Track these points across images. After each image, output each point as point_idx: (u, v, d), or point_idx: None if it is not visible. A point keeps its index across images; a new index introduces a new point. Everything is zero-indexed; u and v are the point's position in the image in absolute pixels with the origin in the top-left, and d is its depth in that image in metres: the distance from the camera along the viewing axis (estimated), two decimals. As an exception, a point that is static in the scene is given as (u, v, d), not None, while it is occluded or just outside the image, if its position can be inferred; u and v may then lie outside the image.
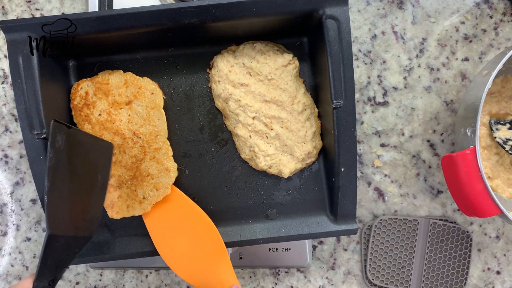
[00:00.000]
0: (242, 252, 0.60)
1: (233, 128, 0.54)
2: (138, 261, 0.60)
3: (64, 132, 0.42)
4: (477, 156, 0.47)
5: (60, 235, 0.42)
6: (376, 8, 0.61)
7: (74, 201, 0.44)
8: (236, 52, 0.53)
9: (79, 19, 0.47)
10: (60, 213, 0.42)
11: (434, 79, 0.61)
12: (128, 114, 0.53)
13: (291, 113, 0.52)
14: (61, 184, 0.42)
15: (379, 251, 0.61)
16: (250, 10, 0.48)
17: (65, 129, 0.42)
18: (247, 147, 0.53)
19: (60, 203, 0.42)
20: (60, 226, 0.42)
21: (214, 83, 0.53)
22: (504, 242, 0.62)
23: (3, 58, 0.62)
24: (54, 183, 0.41)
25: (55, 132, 0.41)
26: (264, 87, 0.52)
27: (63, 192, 0.42)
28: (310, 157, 0.54)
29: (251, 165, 0.55)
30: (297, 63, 0.53)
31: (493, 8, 0.61)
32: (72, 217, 0.44)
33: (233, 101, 0.52)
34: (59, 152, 0.41)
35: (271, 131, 0.52)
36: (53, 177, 0.41)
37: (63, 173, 0.42)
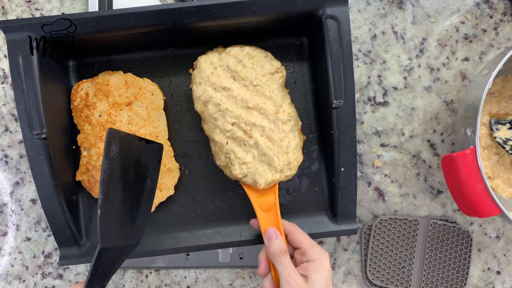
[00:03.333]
0: (242, 252, 0.60)
1: (210, 132, 0.51)
2: (138, 261, 0.60)
3: (119, 140, 0.41)
4: (477, 156, 0.47)
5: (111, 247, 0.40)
6: (376, 8, 0.61)
7: (125, 210, 0.43)
8: (222, 54, 0.50)
9: (79, 19, 0.47)
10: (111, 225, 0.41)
11: (434, 79, 0.61)
12: (128, 115, 0.53)
13: (274, 122, 0.50)
14: (114, 195, 0.41)
15: (379, 251, 0.61)
16: (250, 10, 0.48)
17: (120, 136, 0.41)
18: (222, 154, 0.51)
19: (112, 214, 0.41)
20: (111, 238, 0.40)
21: (195, 85, 0.50)
22: (504, 242, 0.62)
23: (3, 58, 0.62)
24: (108, 195, 0.39)
25: (110, 141, 0.39)
26: (248, 93, 0.49)
27: (115, 203, 0.41)
28: (290, 169, 0.51)
29: (225, 173, 0.52)
30: (284, 73, 0.51)
31: (493, 8, 0.61)
32: (123, 227, 0.43)
33: (213, 105, 0.49)
34: (113, 162, 0.40)
35: (250, 138, 0.49)
36: (107, 189, 0.39)
37: (116, 184, 0.41)
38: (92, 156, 0.52)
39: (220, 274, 0.63)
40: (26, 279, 0.62)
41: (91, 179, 0.52)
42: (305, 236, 0.48)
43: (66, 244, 0.51)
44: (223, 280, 0.63)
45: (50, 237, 0.62)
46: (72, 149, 0.54)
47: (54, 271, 0.62)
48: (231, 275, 0.63)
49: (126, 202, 0.43)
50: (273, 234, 0.47)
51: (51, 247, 0.62)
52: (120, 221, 0.42)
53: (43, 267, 0.62)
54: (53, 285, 0.62)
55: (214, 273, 0.63)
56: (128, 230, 0.44)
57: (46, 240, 0.62)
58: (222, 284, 0.63)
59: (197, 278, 0.63)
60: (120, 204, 0.42)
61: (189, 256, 0.60)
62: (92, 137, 0.52)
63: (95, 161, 0.52)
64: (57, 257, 0.62)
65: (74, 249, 0.52)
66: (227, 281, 0.63)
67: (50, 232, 0.62)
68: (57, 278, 0.62)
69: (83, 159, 0.53)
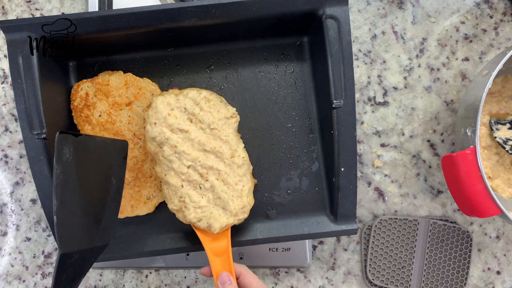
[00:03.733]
0: (242, 252, 0.60)
1: (164, 175, 0.49)
2: (138, 261, 0.60)
3: (72, 142, 0.39)
4: (477, 156, 0.47)
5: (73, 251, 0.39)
6: (376, 8, 0.61)
7: (87, 212, 0.42)
8: (179, 96, 0.49)
9: (79, 19, 0.47)
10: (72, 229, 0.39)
11: (434, 79, 0.61)
12: (128, 115, 0.53)
13: (230, 166, 0.49)
14: (72, 199, 0.39)
15: (379, 251, 0.61)
16: (250, 10, 0.48)
17: (73, 138, 0.39)
18: (176, 197, 0.49)
19: (72, 219, 0.39)
20: (72, 242, 0.39)
21: (149, 125, 0.48)
22: (504, 242, 0.62)
23: (3, 58, 0.62)
24: (64, 200, 0.38)
25: (62, 145, 0.38)
26: (205, 136, 0.49)
27: (74, 207, 0.40)
28: (243, 212, 0.51)
29: (177, 217, 0.51)
30: (238, 118, 0.51)
31: (493, 8, 0.61)
32: (86, 230, 0.41)
33: (169, 147, 0.48)
34: (67, 165, 0.38)
35: (206, 182, 0.49)
36: (62, 194, 0.38)
37: (73, 187, 0.39)
38: (92, 156, 0.52)
39: (220, 274, 0.63)
40: (26, 279, 0.62)
41: (91, 179, 0.52)
42: (255, 278, 0.48)
43: (66, 244, 0.51)
44: (223, 280, 0.63)
45: (50, 237, 0.62)
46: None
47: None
48: (231, 275, 0.63)
49: (87, 204, 0.41)
50: (227, 279, 0.47)
51: (51, 247, 0.62)
52: (82, 225, 0.41)
53: (43, 267, 0.62)
54: (53, 285, 0.62)
55: (214, 273, 0.63)
56: (93, 232, 0.43)
57: (46, 240, 0.62)
58: (222, 284, 0.63)
59: (197, 278, 0.62)
60: (81, 207, 0.40)
61: (189, 256, 0.60)
62: (92, 137, 0.52)
63: (95, 161, 0.52)
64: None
65: (74, 249, 0.52)
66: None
67: (50, 232, 0.62)
68: (57, 278, 0.62)
69: (83, 159, 0.53)
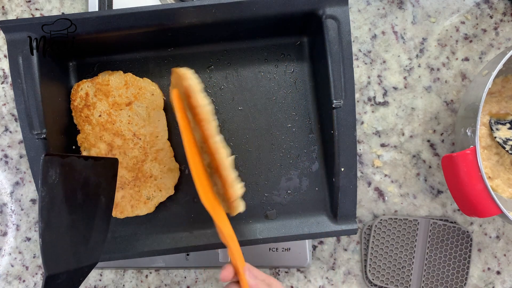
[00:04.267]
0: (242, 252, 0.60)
1: None
2: (138, 261, 0.60)
3: (58, 164, 0.38)
4: (477, 156, 0.47)
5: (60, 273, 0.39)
6: (376, 8, 0.61)
7: (75, 233, 0.41)
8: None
9: (79, 19, 0.47)
10: (58, 251, 0.39)
11: (434, 79, 0.61)
12: (128, 115, 0.53)
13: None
14: (58, 220, 0.39)
15: (379, 251, 0.61)
16: (250, 10, 0.48)
17: (59, 160, 0.39)
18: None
19: (58, 240, 0.39)
20: (59, 264, 0.39)
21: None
22: (504, 242, 0.62)
23: (3, 58, 0.62)
24: (50, 222, 0.37)
25: (47, 167, 0.37)
26: None
27: (61, 228, 0.39)
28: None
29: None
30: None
31: (493, 8, 0.61)
32: (73, 250, 0.41)
33: None
34: (53, 187, 0.38)
35: None
36: (48, 216, 0.37)
37: (59, 209, 0.39)
38: (92, 156, 0.52)
39: (220, 274, 0.63)
40: (26, 279, 0.62)
41: (91, 179, 0.52)
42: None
43: (66, 244, 0.51)
44: (223, 280, 0.63)
45: (50, 237, 0.62)
46: (72, 149, 0.54)
47: (54, 271, 0.62)
48: (231, 275, 0.63)
49: (75, 224, 0.41)
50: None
51: (51, 247, 0.62)
52: (69, 245, 0.40)
53: (43, 267, 0.62)
54: (53, 285, 0.62)
55: (214, 273, 0.63)
56: (81, 251, 0.42)
57: (46, 240, 0.62)
58: (222, 284, 0.63)
59: (197, 278, 0.63)
60: (68, 228, 0.40)
61: (189, 256, 0.60)
62: (92, 137, 0.52)
63: (95, 161, 0.52)
64: (57, 257, 0.62)
65: (74, 249, 0.52)
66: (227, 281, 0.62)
67: (50, 232, 0.62)
68: (57, 278, 0.62)
69: (83, 159, 0.53)
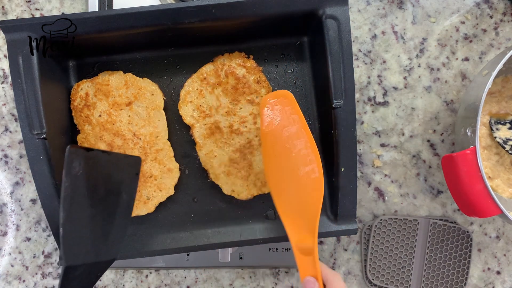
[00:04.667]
0: (242, 252, 0.60)
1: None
2: (138, 261, 0.60)
3: (82, 157, 0.39)
4: (477, 156, 0.47)
5: (78, 265, 0.39)
6: (376, 8, 0.61)
7: (95, 226, 0.41)
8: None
9: (79, 19, 0.47)
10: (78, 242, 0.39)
11: (434, 79, 0.61)
12: (128, 115, 0.53)
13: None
14: (79, 212, 0.39)
15: (379, 251, 0.61)
16: (250, 10, 0.48)
17: (84, 152, 0.39)
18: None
19: (79, 231, 0.39)
20: (78, 255, 0.39)
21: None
22: (504, 242, 0.62)
23: (3, 58, 0.62)
24: (71, 213, 0.38)
25: (72, 159, 0.38)
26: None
27: (82, 220, 0.40)
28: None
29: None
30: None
31: (493, 8, 0.61)
32: (93, 244, 0.41)
33: None
34: (76, 179, 0.38)
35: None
36: (70, 207, 0.37)
37: (81, 201, 0.39)
38: (92, 156, 0.52)
39: (220, 274, 0.63)
40: (26, 279, 0.62)
41: (91, 179, 0.52)
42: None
43: (66, 244, 0.51)
44: (223, 280, 0.63)
45: (50, 237, 0.62)
46: (72, 149, 0.54)
47: (54, 271, 0.62)
48: (231, 275, 0.63)
49: (95, 218, 0.41)
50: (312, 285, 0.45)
51: (51, 247, 0.62)
52: (89, 238, 0.41)
53: (43, 267, 0.62)
54: (53, 285, 0.62)
55: (214, 273, 0.63)
56: (100, 246, 0.42)
57: (46, 240, 0.62)
58: (222, 284, 0.63)
59: (197, 278, 0.63)
60: (88, 220, 0.40)
61: (189, 256, 0.60)
62: (92, 137, 0.52)
63: (95, 161, 0.52)
64: (57, 257, 0.62)
65: (74, 249, 0.52)
66: (227, 281, 0.63)
67: (50, 232, 0.62)
68: (57, 278, 0.62)
69: (83, 159, 0.53)
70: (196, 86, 0.53)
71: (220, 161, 0.53)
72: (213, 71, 0.53)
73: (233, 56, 0.53)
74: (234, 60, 0.53)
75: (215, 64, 0.53)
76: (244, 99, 0.53)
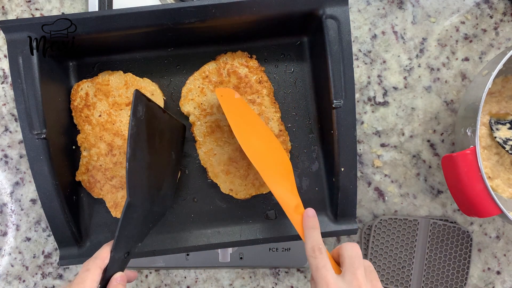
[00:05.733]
0: (242, 252, 0.60)
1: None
2: (138, 261, 0.60)
3: (144, 104, 0.43)
4: (477, 156, 0.47)
5: (137, 205, 0.42)
6: (376, 8, 0.61)
7: (151, 174, 0.45)
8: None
9: (79, 19, 0.47)
10: (138, 183, 0.42)
11: (434, 79, 0.61)
12: (128, 115, 0.53)
13: None
14: (141, 153, 0.42)
15: (379, 251, 0.61)
16: (250, 10, 0.48)
17: (146, 100, 0.43)
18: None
19: (139, 173, 0.42)
20: (138, 196, 0.42)
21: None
22: (504, 242, 0.62)
23: (3, 58, 0.62)
24: (135, 151, 0.41)
25: (137, 102, 0.41)
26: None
27: (142, 163, 0.43)
28: None
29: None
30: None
31: (493, 8, 0.61)
32: (149, 190, 0.44)
33: None
34: (140, 122, 0.42)
35: None
36: (134, 145, 0.41)
37: (142, 143, 0.43)
38: (92, 156, 0.52)
39: (220, 274, 0.63)
40: (26, 279, 0.62)
41: (91, 179, 0.52)
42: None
43: (66, 244, 0.51)
44: (223, 280, 0.63)
45: (50, 237, 0.62)
46: (72, 149, 0.54)
47: (54, 271, 0.62)
48: (231, 275, 0.63)
49: (151, 166, 0.45)
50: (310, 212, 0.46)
51: (51, 247, 0.62)
52: (146, 183, 0.44)
53: (43, 267, 0.62)
54: (53, 285, 0.62)
55: (214, 273, 0.63)
56: (154, 195, 0.46)
57: (46, 240, 0.62)
58: (222, 284, 0.63)
59: (197, 278, 0.63)
60: (146, 165, 0.44)
61: (189, 256, 0.60)
62: (92, 137, 0.52)
63: (95, 161, 0.52)
64: (57, 257, 0.62)
65: (74, 249, 0.52)
66: (227, 281, 0.63)
67: (50, 232, 0.62)
68: (57, 278, 0.62)
69: (83, 159, 0.53)
70: (198, 84, 0.53)
71: (219, 160, 0.53)
72: (215, 69, 0.53)
73: (236, 55, 0.53)
74: (236, 59, 0.53)
75: (217, 63, 0.53)
76: (245, 99, 0.53)
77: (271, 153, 0.50)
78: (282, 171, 0.49)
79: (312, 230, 0.44)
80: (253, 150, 0.48)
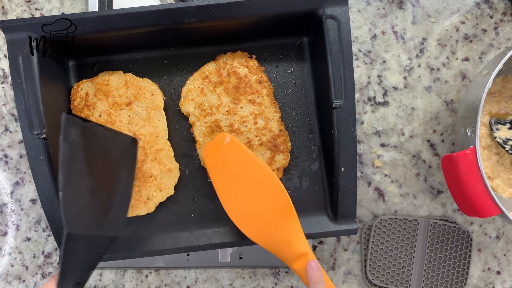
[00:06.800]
0: (242, 252, 0.60)
1: None
2: (138, 261, 0.60)
3: (79, 126, 0.41)
4: (477, 156, 0.47)
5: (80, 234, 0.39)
6: (376, 8, 0.61)
7: (95, 198, 0.42)
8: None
9: (79, 19, 0.47)
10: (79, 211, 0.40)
11: (434, 79, 0.61)
12: (128, 115, 0.53)
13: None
14: (78, 180, 0.40)
15: (379, 251, 0.61)
16: (250, 10, 0.48)
17: (80, 122, 0.41)
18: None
19: (78, 200, 0.40)
20: (79, 224, 0.39)
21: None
22: (504, 242, 0.62)
23: (3, 58, 0.62)
24: (70, 179, 0.39)
25: (68, 126, 0.39)
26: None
27: (81, 189, 0.40)
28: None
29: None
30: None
31: (493, 8, 0.61)
32: (94, 216, 0.42)
33: None
34: (74, 145, 0.40)
35: None
36: (68, 172, 0.39)
37: (80, 168, 0.40)
38: (92, 156, 0.52)
39: (220, 274, 0.63)
40: (26, 279, 0.62)
41: (91, 179, 0.52)
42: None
43: (66, 244, 0.51)
44: (223, 280, 0.63)
45: (50, 237, 0.62)
46: (72, 149, 0.54)
47: (54, 271, 0.62)
48: (231, 275, 0.63)
49: (95, 190, 0.42)
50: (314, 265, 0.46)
51: (51, 247, 0.62)
52: (89, 209, 0.41)
53: (43, 267, 0.62)
54: (53, 285, 0.62)
55: (214, 273, 0.63)
56: (101, 220, 0.43)
57: (46, 240, 0.62)
58: (222, 284, 0.63)
59: (197, 278, 0.63)
60: (88, 190, 0.41)
61: (189, 256, 0.60)
62: (92, 137, 0.52)
63: (95, 161, 0.52)
64: (57, 257, 0.62)
65: (74, 249, 0.52)
66: (227, 281, 0.63)
67: (50, 232, 0.62)
68: (57, 278, 0.62)
69: (83, 159, 0.53)
70: (198, 84, 0.53)
71: None
72: (215, 69, 0.53)
73: (236, 55, 0.53)
74: (236, 59, 0.53)
75: (217, 63, 0.53)
76: (245, 99, 0.53)
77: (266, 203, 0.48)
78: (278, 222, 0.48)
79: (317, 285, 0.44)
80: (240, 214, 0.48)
